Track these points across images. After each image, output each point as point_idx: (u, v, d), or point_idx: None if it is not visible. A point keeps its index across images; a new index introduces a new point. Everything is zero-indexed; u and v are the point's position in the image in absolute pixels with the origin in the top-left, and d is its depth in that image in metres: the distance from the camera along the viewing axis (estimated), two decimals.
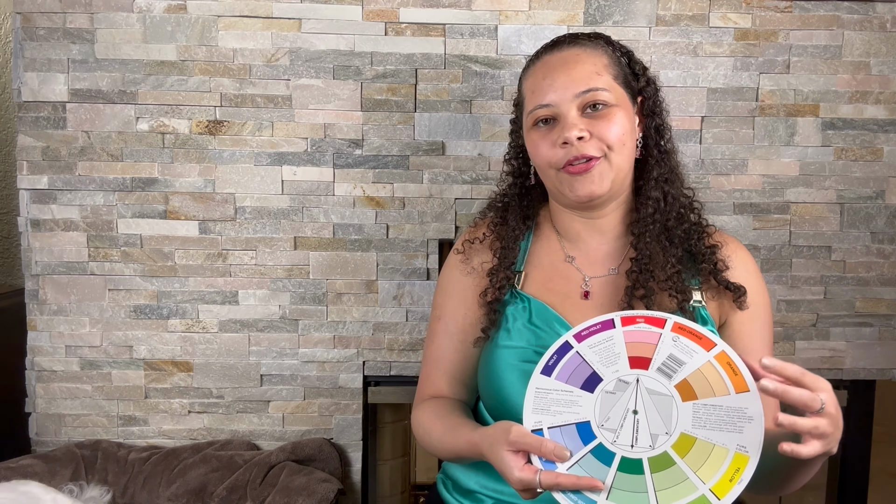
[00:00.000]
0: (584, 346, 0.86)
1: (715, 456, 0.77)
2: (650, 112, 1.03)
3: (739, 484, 0.76)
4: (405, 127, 1.43)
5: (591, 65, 0.98)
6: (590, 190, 0.97)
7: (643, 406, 0.81)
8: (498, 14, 1.41)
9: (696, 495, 0.76)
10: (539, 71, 1.01)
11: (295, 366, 1.47)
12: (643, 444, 0.80)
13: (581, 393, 0.83)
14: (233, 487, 1.34)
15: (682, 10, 1.41)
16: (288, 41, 1.41)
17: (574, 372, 0.85)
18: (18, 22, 1.39)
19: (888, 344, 1.47)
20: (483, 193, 1.43)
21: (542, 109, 0.99)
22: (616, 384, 0.83)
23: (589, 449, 0.81)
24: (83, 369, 1.46)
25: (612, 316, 0.88)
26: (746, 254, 1.06)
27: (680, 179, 1.05)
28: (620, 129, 0.97)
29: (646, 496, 0.77)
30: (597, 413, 0.82)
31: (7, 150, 1.91)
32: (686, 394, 0.81)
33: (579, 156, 0.95)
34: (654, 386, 0.82)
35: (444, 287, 1.12)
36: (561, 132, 0.96)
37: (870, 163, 1.44)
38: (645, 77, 1.04)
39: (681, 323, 0.86)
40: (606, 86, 0.97)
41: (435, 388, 1.09)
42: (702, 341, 0.84)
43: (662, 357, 0.83)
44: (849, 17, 1.42)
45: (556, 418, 0.83)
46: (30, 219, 1.43)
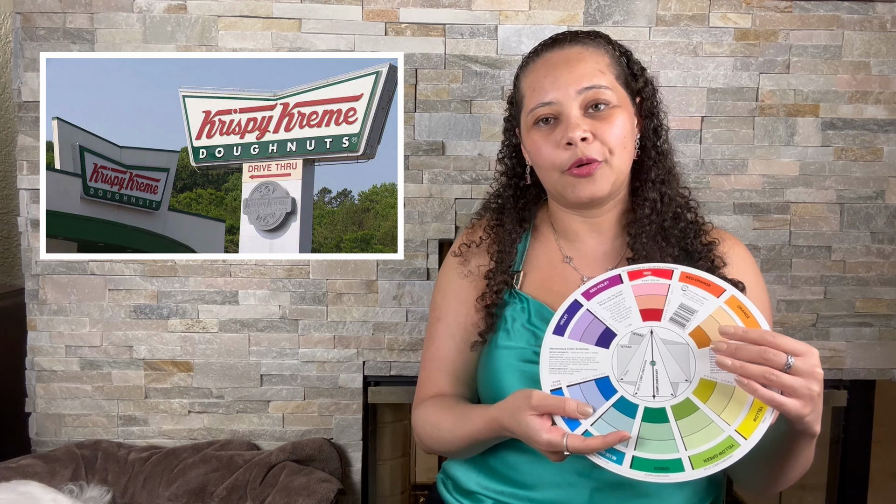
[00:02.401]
0: (593, 304, 0.87)
1: (736, 397, 0.78)
2: (648, 113, 1.03)
3: (764, 422, 0.77)
4: (405, 127, 1.43)
5: (594, 63, 0.97)
6: (591, 192, 0.96)
7: (660, 356, 0.82)
8: (498, 14, 1.41)
9: (723, 437, 0.77)
10: (540, 68, 1.00)
11: (295, 366, 1.47)
12: (664, 393, 0.81)
13: (596, 349, 0.84)
14: (233, 487, 1.34)
15: (682, 10, 1.41)
16: (288, 41, 1.41)
17: (587, 329, 0.85)
18: (18, 22, 1.40)
19: (888, 344, 1.47)
20: (483, 193, 1.43)
21: (543, 108, 0.97)
22: (630, 338, 0.84)
23: (611, 403, 0.81)
24: (83, 369, 1.46)
25: (619, 271, 0.89)
26: (744, 250, 1.06)
27: (676, 179, 1.05)
28: (622, 132, 0.96)
29: (673, 443, 0.78)
30: (615, 367, 0.83)
31: (7, 150, 1.91)
32: (701, 340, 0.82)
33: (583, 158, 0.94)
34: (668, 336, 0.83)
35: (443, 289, 1.12)
36: (564, 132, 0.95)
37: (870, 163, 1.44)
38: (643, 78, 1.03)
39: (688, 272, 0.87)
40: (609, 84, 0.97)
41: (437, 389, 1.08)
42: (710, 288, 0.85)
43: (674, 307, 0.84)
44: (849, 17, 1.42)
45: (573, 376, 0.83)
46: (30, 219, 1.43)
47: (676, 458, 0.77)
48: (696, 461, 0.76)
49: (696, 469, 0.76)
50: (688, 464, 0.76)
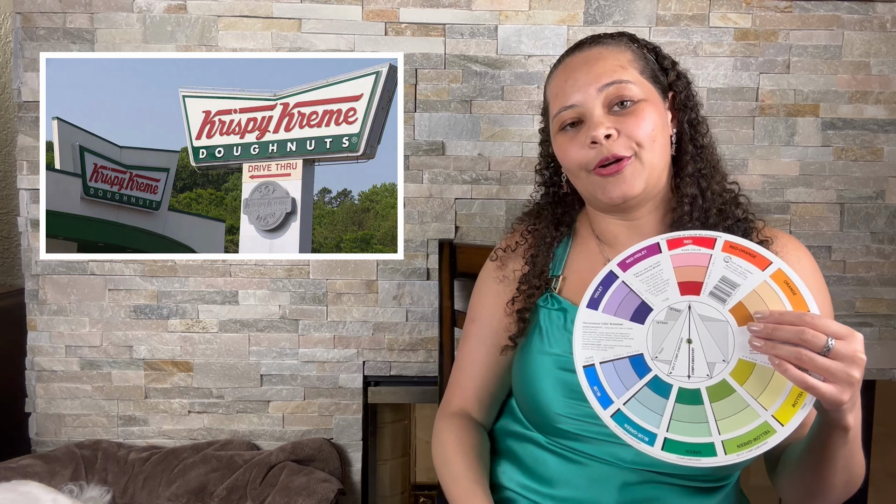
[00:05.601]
0: (629, 275, 0.82)
1: (776, 381, 0.74)
2: (682, 106, 0.99)
3: (803, 409, 0.72)
4: (405, 127, 1.43)
5: (613, 60, 0.95)
6: (622, 191, 0.92)
7: (697, 334, 0.77)
8: (498, 14, 1.41)
9: (759, 422, 0.73)
10: (561, 74, 0.98)
11: (295, 366, 1.47)
12: (700, 373, 0.76)
13: (631, 325, 0.80)
14: (233, 487, 1.34)
15: (682, 10, 1.41)
16: (288, 41, 1.41)
17: (622, 303, 0.81)
18: (18, 22, 1.40)
19: (888, 344, 1.47)
20: (483, 193, 1.43)
21: (566, 111, 0.95)
22: (667, 313, 0.79)
23: (645, 382, 0.78)
24: (83, 369, 1.46)
25: (658, 239, 0.83)
26: (802, 250, 0.98)
27: (720, 174, 1.00)
28: (650, 125, 0.92)
29: (707, 426, 0.74)
30: (649, 345, 0.79)
31: (7, 150, 1.91)
32: (742, 317, 0.76)
33: (609, 156, 0.91)
34: (707, 312, 0.78)
35: (479, 291, 1.11)
36: (588, 132, 0.92)
37: (870, 163, 1.44)
38: (675, 71, 1.00)
39: (732, 241, 0.80)
40: (632, 79, 0.93)
41: (462, 396, 1.07)
42: (756, 260, 0.78)
43: (714, 280, 0.78)
44: (849, 17, 1.42)
45: (607, 353, 0.80)
46: (30, 219, 1.43)
47: (709, 443, 0.73)
48: (730, 446, 0.73)
49: (729, 454, 0.73)
50: (720, 448, 0.73)
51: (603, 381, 0.79)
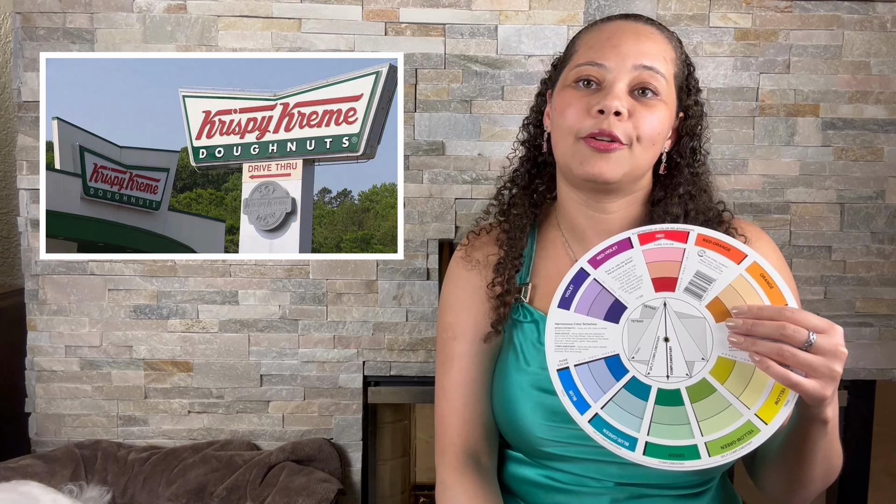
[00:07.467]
0: (601, 273, 0.79)
1: (757, 378, 0.71)
2: (690, 132, 0.96)
3: (786, 406, 0.70)
4: (405, 127, 1.43)
5: (662, 47, 0.91)
6: (600, 169, 0.87)
7: (674, 332, 0.75)
8: (498, 14, 1.41)
9: (742, 422, 0.71)
10: (607, 29, 0.92)
11: (295, 366, 1.47)
12: (679, 373, 0.74)
13: (605, 324, 0.77)
14: (233, 487, 1.34)
15: (682, 10, 1.41)
16: (288, 41, 1.41)
17: (595, 302, 0.78)
18: (18, 22, 1.40)
19: (888, 344, 1.47)
20: (483, 193, 1.43)
21: (593, 67, 0.89)
22: (642, 311, 0.76)
23: (622, 384, 0.74)
24: (83, 369, 1.46)
25: (629, 234, 0.80)
26: (767, 241, 0.97)
27: (708, 195, 0.98)
28: (658, 125, 0.88)
29: (689, 428, 0.72)
30: (625, 345, 0.76)
31: (7, 150, 1.91)
32: (719, 313, 0.74)
33: (607, 131, 0.86)
34: (683, 308, 0.75)
35: (450, 302, 1.01)
36: (602, 99, 0.86)
37: (870, 163, 1.44)
38: (696, 97, 0.98)
39: (705, 234, 0.78)
40: (666, 75, 0.89)
41: (467, 434, 0.97)
42: (731, 253, 0.76)
43: (689, 275, 0.76)
44: (849, 17, 1.42)
45: (581, 354, 0.76)
46: (30, 219, 1.43)
47: (692, 445, 0.71)
48: (713, 448, 0.71)
49: (713, 456, 0.70)
50: (704, 451, 0.71)
51: (578, 385, 0.76)
